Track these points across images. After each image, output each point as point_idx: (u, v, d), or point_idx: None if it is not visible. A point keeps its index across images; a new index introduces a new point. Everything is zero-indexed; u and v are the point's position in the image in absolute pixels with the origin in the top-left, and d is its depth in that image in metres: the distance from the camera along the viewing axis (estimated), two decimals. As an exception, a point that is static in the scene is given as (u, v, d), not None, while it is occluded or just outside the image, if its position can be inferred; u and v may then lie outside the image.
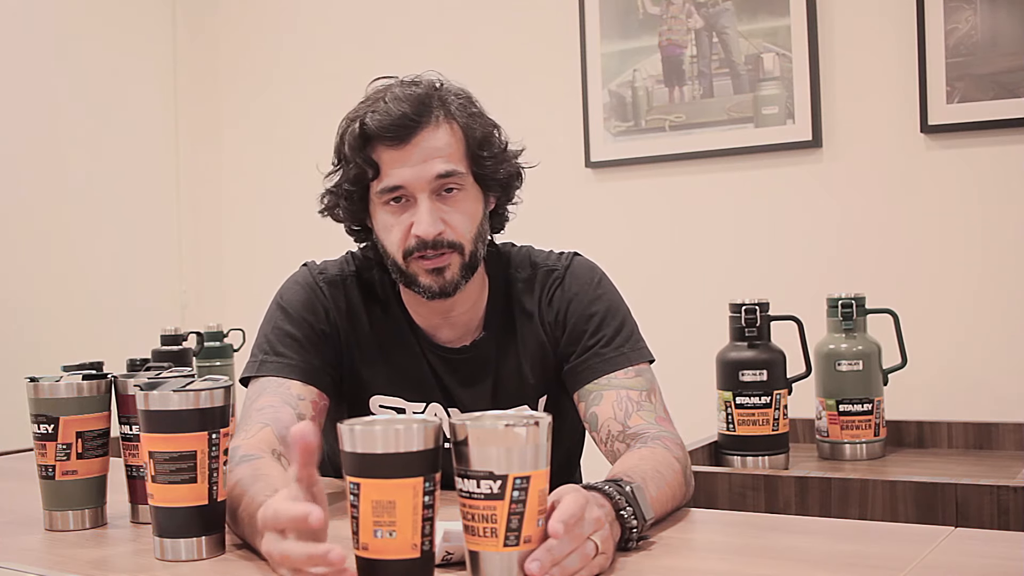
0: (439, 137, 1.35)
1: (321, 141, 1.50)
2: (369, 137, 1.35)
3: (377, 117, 1.34)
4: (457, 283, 1.38)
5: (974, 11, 2.28)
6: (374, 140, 1.35)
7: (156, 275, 3.37)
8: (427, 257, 1.35)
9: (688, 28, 2.63)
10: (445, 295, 1.38)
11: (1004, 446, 2.06)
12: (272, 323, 1.44)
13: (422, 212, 1.34)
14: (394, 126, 1.33)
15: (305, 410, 1.36)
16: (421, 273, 1.37)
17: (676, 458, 1.28)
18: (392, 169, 1.34)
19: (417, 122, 1.34)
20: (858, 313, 2.04)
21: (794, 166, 2.53)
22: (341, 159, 1.41)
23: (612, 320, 1.45)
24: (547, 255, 1.52)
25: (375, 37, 3.15)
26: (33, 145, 3.04)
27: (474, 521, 0.89)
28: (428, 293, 1.38)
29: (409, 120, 1.33)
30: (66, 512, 1.25)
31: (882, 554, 1.04)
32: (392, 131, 1.33)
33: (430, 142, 1.35)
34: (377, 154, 1.35)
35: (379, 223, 1.40)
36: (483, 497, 0.88)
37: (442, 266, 1.36)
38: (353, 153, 1.36)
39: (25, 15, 3.04)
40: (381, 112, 1.34)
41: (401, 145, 1.34)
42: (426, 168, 1.34)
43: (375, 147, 1.35)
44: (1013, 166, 2.28)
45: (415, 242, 1.35)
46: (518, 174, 1.46)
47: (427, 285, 1.37)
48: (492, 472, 0.88)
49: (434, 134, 1.35)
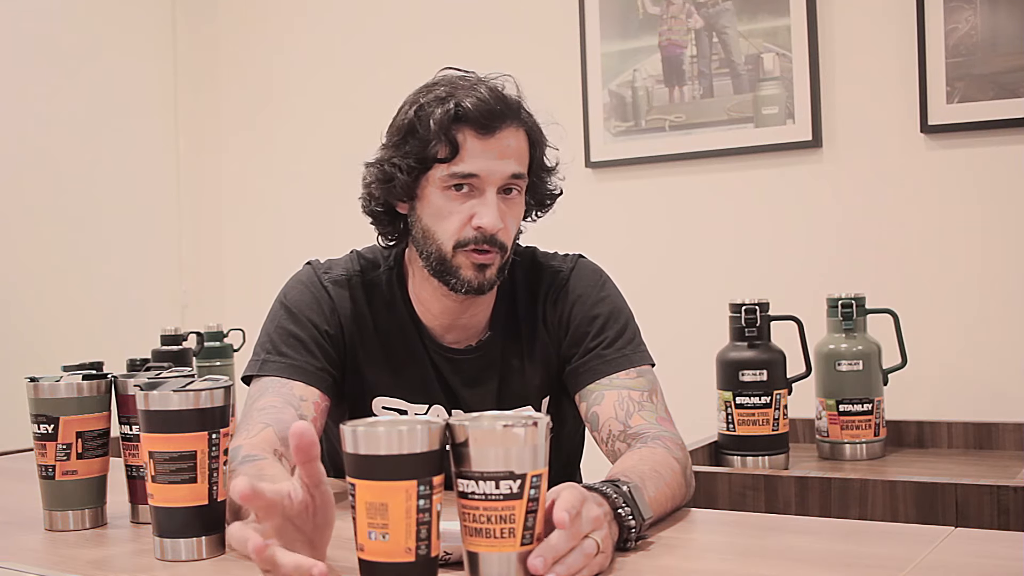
0: (518, 139, 1.38)
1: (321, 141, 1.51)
2: (460, 119, 1.34)
3: (473, 102, 1.34)
4: (492, 283, 1.39)
5: (974, 11, 2.28)
6: (463, 123, 1.35)
7: (156, 275, 3.37)
8: (479, 251, 1.35)
9: (688, 28, 2.63)
10: (480, 292, 1.39)
11: (1004, 446, 2.06)
12: (276, 322, 1.44)
13: (490, 206, 1.35)
14: (489, 114, 1.34)
15: (307, 411, 1.35)
16: (466, 266, 1.36)
17: (676, 458, 1.27)
18: (472, 157, 1.34)
19: (505, 117, 1.36)
20: (858, 313, 2.04)
21: (794, 166, 2.53)
22: (408, 134, 1.38)
23: (615, 323, 1.45)
24: (552, 256, 1.53)
25: (375, 37, 3.15)
26: (33, 145, 3.04)
27: (491, 523, 0.89)
28: (466, 288, 1.37)
29: (500, 113, 1.35)
30: (66, 512, 1.25)
31: (882, 554, 1.04)
32: (486, 119, 1.34)
33: (510, 141, 1.37)
34: (461, 137, 1.35)
35: (433, 207, 1.37)
36: (502, 498, 0.88)
37: (488, 263, 1.37)
38: (439, 129, 1.34)
39: (25, 15, 3.04)
40: (476, 98, 1.35)
41: (487, 136, 1.35)
42: (504, 164, 1.35)
43: (461, 129, 1.35)
44: (1013, 166, 2.28)
45: (473, 234, 1.35)
46: (558, 195, 1.51)
47: (468, 279, 1.37)
48: (512, 472, 0.88)
49: (515, 135, 1.38)
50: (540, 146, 1.43)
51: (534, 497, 0.89)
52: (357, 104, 3.14)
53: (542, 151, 1.44)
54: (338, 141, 3.18)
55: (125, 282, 3.24)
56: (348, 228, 1.67)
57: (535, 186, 1.45)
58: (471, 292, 1.38)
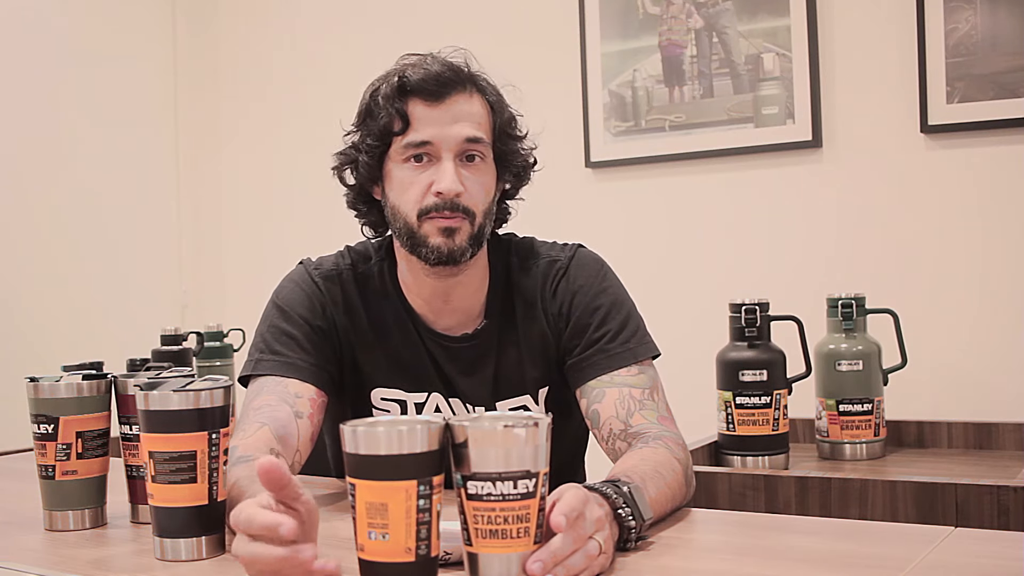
0: (472, 104, 1.39)
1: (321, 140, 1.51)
2: (406, 91, 1.37)
3: (418, 72, 1.36)
4: (464, 250, 1.37)
5: (974, 11, 2.28)
6: (410, 94, 1.37)
7: (156, 275, 3.37)
8: (442, 217, 1.36)
9: (688, 28, 2.63)
10: (452, 261, 1.37)
11: (1004, 446, 2.06)
12: (268, 322, 1.44)
13: (446, 171, 1.35)
14: (433, 82, 1.36)
15: (303, 408, 1.35)
16: (432, 233, 1.36)
17: (677, 458, 1.27)
18: (423, 125, 1.36)
19: (454, 84, 1.37)
20: (858, 313, 2.04)
21: (794, 166, 2.53)
22: (366, 117, 1.42)
23: (617, 314, 1.44)
24: (550, 245, 1.52)
25: (374, 37, 3.15)
26: (33, 145, 3.04)
27: (507, 524, 0.88)
28: (436, 254, 1.37)
29: (448, 80, 1.36)
30: (66, 512, 1.25)
31: (882, 554, 1.04)
32: (431, 86, 1.35)
33: (463, 106, 1.37)
34: (411, 108, 1.36)
35: (395, 181, 1.39)
36: (519, 497, 0.88)
37: (454, 227, 1.36)
38: (386, 104, 1.37)
39: (25, 15, 3.04)
40: (421, 69, 1.37)
41: (436, 103, 1.36)
42: (456, 129, 1.36)
43: (409, 100, 1.37)
44: (1013, 166, 2.28)
45: (433, 200, 1.35)
46: (532, 164, 1.49)
47: (436, 245, 1.36)
48: (529, 470, 0.88)
49: (468, 100, 1.38)
50: (502, 111, 1.43)
51: (543, 495, 0.90)
52: (357, 104, 3.13)
53: (505, 117, 1.43)
54: (338, 141, 3.17)
55: (125, 282, 3.24)
56: (348, 228, 1.66)
57: (504, 155, 1.44)
58: (442, 260, 1.37)
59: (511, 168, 1.45)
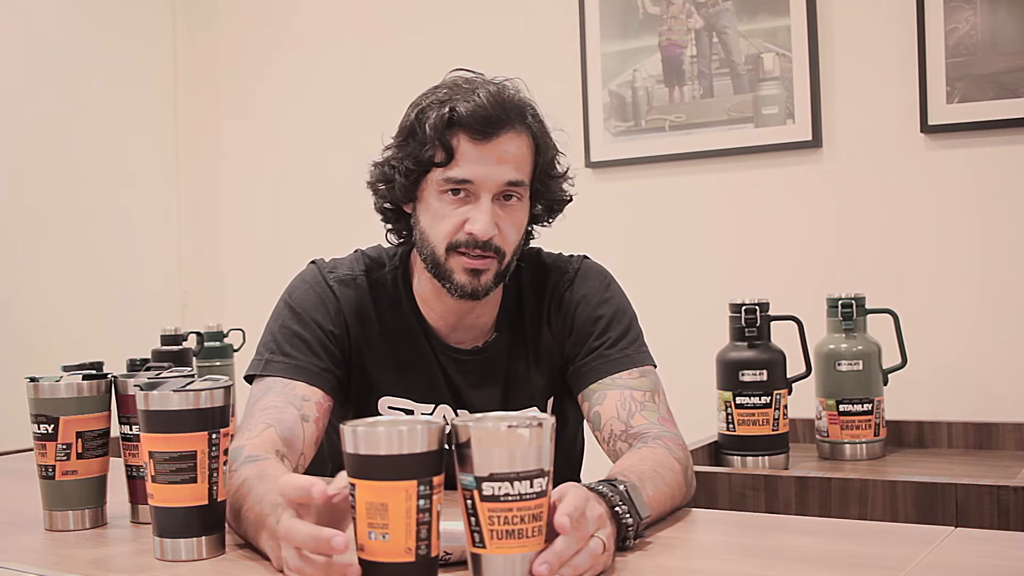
0: (518, 144, 1.36)
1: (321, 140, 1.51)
2: (455, 123, 1.34)
3: (469, 107, 1.33)
4: (488, 289, 1.38)
5: (974, 11, 2.28)
6: (458, 127, 1.34)
7: (156, 275, 3.37)
8: (470, 256, 1.35)
9: (688, 28, 2.63)
10: (475, 297, 1.38)
11: (1004, 446, 2.06)
12: (280, 322, 1.43)
13: (482, 212, 1.34)
14: (484, 120, 1.33)
15: (309, 412, 1.35)
16: (458, 270, 1.36)
17: (677, 459, 1.27)
18: (467, 162, 1.34)
19: (504, 123, 1.34)
20: (858, 313, 2.04)
21: (794, 166, 2.53)
22: (408, 137, 1.39)
23: (618, 323, 1.45)
24: (557, 257, 1.53)
25: (375, 38, 3.15)
26: (33, 145, 3.04)
27: (523, 523, 0.88)
28: (460, 292, 1.37)
29: (496, 119, 1.33)
30: (66, 512, 1.25)
31: (882, 554, 1.04)
32: (481, 124, 1.33)
33: (508, 147, 1.35)
34: (456, 141, 1.34)
35: (430, 209, 1.37)
36: (535, 496, 0.89)
37: (482, 269, 1.36)
38: (434, 134, 1.34)
39: (25, 15, 3.04)
40: (474, 103, 1.33)
41: (483, 141, 1.34)
42: (499, 171, 1.34)
43: (456, 134, 1.34)
44: (1013, 166, 2.28)
45: (466, 238, 1.34)
46: (567, 200, 1.47)
47: (461, 283, 1.36)
48: (543, 469, 0.88)
49: (514, 140, 1.36)
50: (546, 151, 1.41)
51: (550, 493, 0.91)
52: (357, 104, 3.14)
53: (548, 156, 1.41)
54: (338, 141, 3.18)
55: (125, 282, 3.24)
56: (347, 227, 1.67)
57: (541, 193, 1.43)
58: (465, 296, 1.37)
59: (546, 205, 1.45)
